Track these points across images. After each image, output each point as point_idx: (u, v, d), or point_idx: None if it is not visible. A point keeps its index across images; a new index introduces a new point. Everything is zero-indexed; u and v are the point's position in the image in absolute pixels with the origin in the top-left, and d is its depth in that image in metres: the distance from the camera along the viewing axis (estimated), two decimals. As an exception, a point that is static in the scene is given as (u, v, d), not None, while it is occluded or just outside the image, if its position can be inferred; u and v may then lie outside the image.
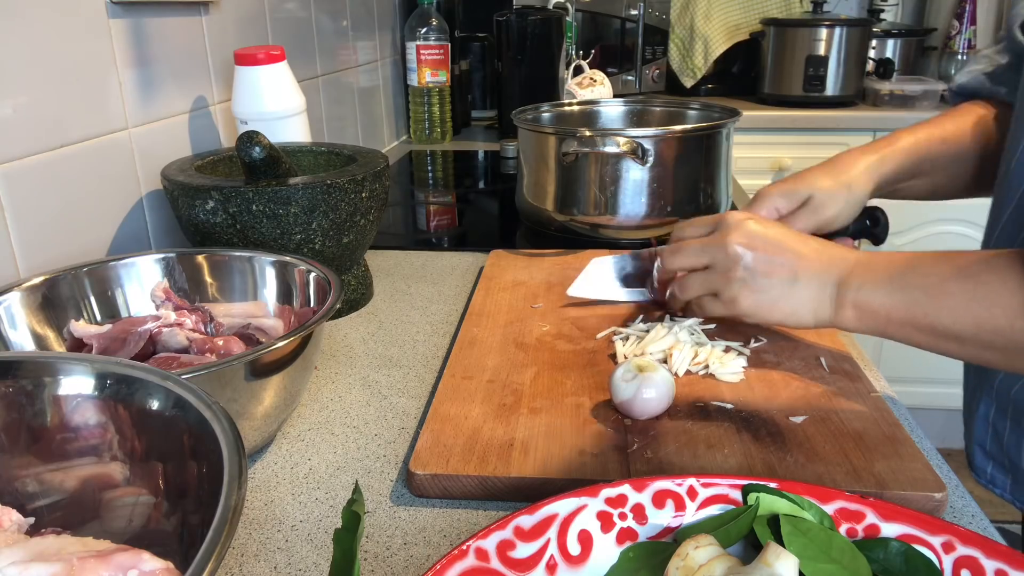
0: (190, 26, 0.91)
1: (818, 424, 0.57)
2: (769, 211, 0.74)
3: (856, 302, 0.56)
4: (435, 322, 0.81)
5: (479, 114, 2.02)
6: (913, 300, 0.53)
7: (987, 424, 0.74)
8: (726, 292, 0.62)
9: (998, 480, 0.74)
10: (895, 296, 0.54)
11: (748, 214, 0.64)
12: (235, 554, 0.48)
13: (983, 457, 0.75)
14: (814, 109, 2.07)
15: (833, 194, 0.72)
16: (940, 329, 0.53)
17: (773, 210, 0.74)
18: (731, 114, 1.02)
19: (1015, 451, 0.71)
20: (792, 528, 0.39)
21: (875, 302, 0.55)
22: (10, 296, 0.57)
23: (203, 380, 0.47)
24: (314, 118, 1.26)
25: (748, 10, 2.28)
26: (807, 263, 0.59)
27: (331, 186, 0.71)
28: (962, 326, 0.51)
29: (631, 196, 0.95)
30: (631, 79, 2.22)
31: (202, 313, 0.63)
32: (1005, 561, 0.37)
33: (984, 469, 0.75)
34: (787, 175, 0.79)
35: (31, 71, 0.66)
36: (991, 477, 0.74)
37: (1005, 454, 0.72)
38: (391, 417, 0.63)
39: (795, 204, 0.73)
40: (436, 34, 1.68)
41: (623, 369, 0.58)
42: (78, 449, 0.41)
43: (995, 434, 0.73)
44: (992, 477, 0.74)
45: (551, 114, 1.15)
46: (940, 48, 2.35)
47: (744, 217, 0.63)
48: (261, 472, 0.56)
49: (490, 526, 0.38)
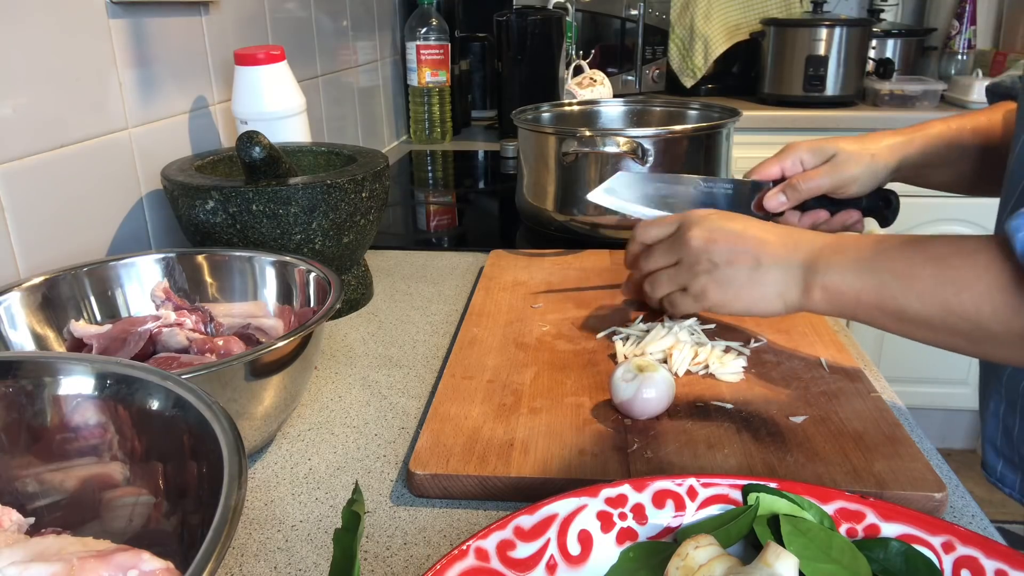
0: (190, 26, 0.91)
1: (818, 424, 0.57)
2: (794, 162, 0.78)
3: (824, 285, 0.56)
4: (435, 322, 0.81)
5: (479, 114, 2.02)
6: (882, 283, 0.53)
7: (998, 420, 0.74)
8: (693, 286, 0.63)
9: (1007, 479, 0.74)
10: (864, 279, 0.54)
11: (711, 210, 0.65)
12: (235, 554, 0.48)
13: (994, 455, 0.75)
14: (814, 109, 2.07)
15: (857, 157, 0.76)
16: (909, 313, 0.52)
17: (798, 162, 0.78)
18: (731, 114, 1.02)
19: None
20: (792, 528, 0.39)
21: (844, 285, 0.55)
22: (10, 296, 0.57)
23: (203, 380, 0.47)
24: (314, 118, 1.26)
25: (748, 10, 2.28)
26: (770, 248, 0.59)
27: (331, 186, 0.71)
28: (930, 310, 0.51)
29: (631, 196, 0.95)
30: (631, 79, 2.22)
31: (202, 313, 0.63)
32: (1005, 561, 0.37)
33: (995, 467, 0.75)
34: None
35: (31, 71, 0.66)
36: (1000, 475, 0.75)
37: (1015, 450, 0.72)
38: (391, 417, 0.63)
39: (819, 160, 0.77)
40: (436, 34, 1.68)
41: (623, 369, 0.58)
42: (78, 449, 0.41)
43: (1005, 430, 0.73)
44: (1002, 475, 0.74)
45: (551, 114, 1.15)
46: (940, 48, 2.35)
47: (706, 213, 0.64)
48: (261, 472, 0.56)
49: (490, 526, 0.38)
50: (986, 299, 0.49)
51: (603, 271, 0.88)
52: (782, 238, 0.60)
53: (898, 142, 0.76)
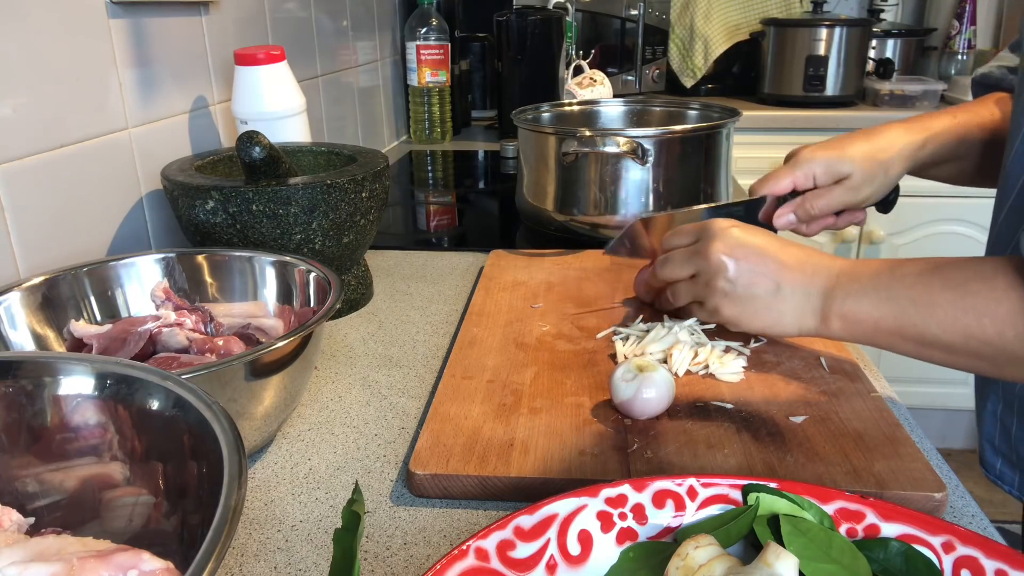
0: (190, 26, 0.91)
1: (818, 424, 0.57)
2: (806, 177, 0.75)
3: (843, 313, 0.56)
4: (435, 322, 0.81)
5: (479, 114, 2.02)
6: (901, 311, 0.53)
7: (996, 420, 0.74)
8: (709, 302, 0.62)
9: (1006, 476, 0.74)
10: (883, 307, 0.54)
11: (732, 222, 0.64)
12: (235, 554, 0.48)
13: (992, 453, 0.75)
14: (814, 109, 2.07)
15: (872, 177, 0.73)
16: (929, 339, 0.52)
17: (811, 178, 0.75)
18: (731, 114, 1.02)
19: (1023, 447, 0.71)
20: (792, 528, 0.39)
21: (862, 313, 0.55)
22: (10, 296, 0.57)
23: (203, 380, 0.47)
24: (314, 118, 1.26)
25: (748, 10, 2.28)
26: (790, 274, 0.59)
27: (331, 186, 0.71)
28: (951, 336, 0.51)
29: (631, 196, 0.95)
30: (631, 79, 2.22)
31: (202, 313, 0.63)
32: (1005, 561, 0.37)
33: (994, 465, 0.75)
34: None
35: (31, 71, 0.66)
36: (1000, 473, 0.75)
37: (1013, 450, 0.72)
38: (391, 417, 0.63)
39: (833, 178, 0.74)
40: (436, 34, 1.68)
41: (623, 369, 0.58)
42: (78, 449, 0.41)
43: (1003, 429, 0.73)
44: (1001, 473, 0.75)
45: (551, 114, 1.15)
46: (940, 48, 2.35)
47: (728, 225, 0.63)
48: (261, 472, 0.56)
49: (490, 526, 0.38)
50: (1008, 324, 0.49)
51: (603, 271, 0.88)
52: (801, 263, 0.59)
53: (911, 147, 0.74)
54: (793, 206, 0.76)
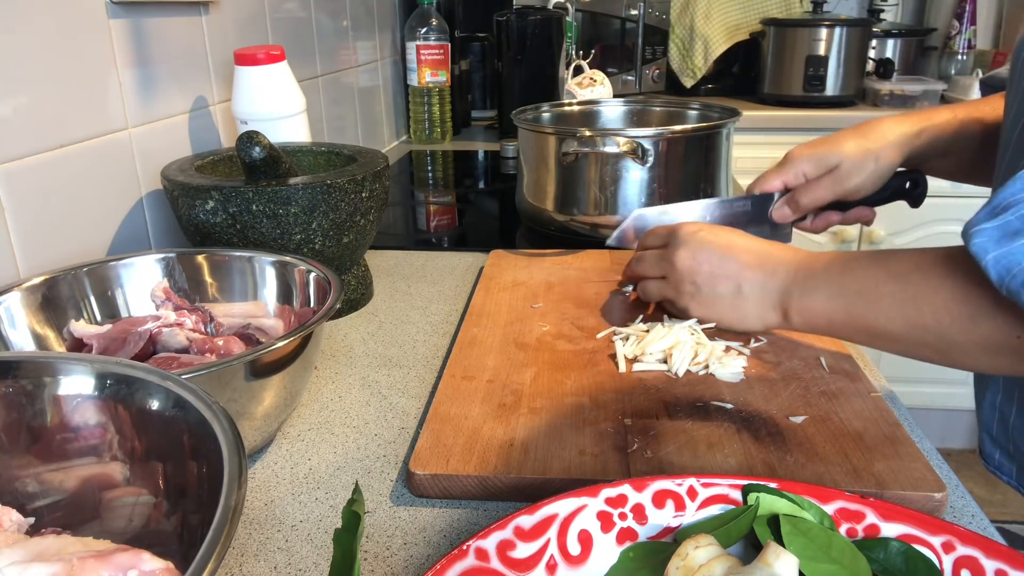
0: (190, 26, 0.91)
1: (818, 424, 0.57)
2: (796, 175, 0.78)
3: (799, 308, 0.60)
4: (435, 322, 0.81)
5: (479, 114, 2.02)
6: (850, 304, 0.56)
7: (995, 410, 0.74)
8: (678, 303, 0.69)
9: (1005, 467, 0.75)
10: (835, 301, 0.57)
11: (700, 225, 0.68)
12: (235, 554, 0.48)
13: (991, 444, 0.76)
14: (814, 109, 2.07)
15: (861, 165, 0.75)
16: (877, 330, 0.55)
17: (800, 175, 0.78)
18: (731, 114, 1.02)
19: (1020, 437, 0.71)
20: (792, 528, 0.39)
21: (817, 307, 0.59)
22: (10, 296, 0.57)
23: (203, 380, 0.47)
24: (314, 118, 1.26)
25: (748, 10, 2.28)
26: (750, 273, 0.63)
27: (331, 186, 0.71)
28: (896, 326, 0.54)
29: (631, 196, 0.95)
30: (631, 79, 2.22)
31: (202, 313, 0.64)
32: (1005, 561, 0.37)
33: (992, 456, 0.76)
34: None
35: (31, 71, 0.66)
36: (998, 464, 0.75)
37: (1011, 440, 0.73)
38: (391, 417, 0.63)
39: (822, 171, 0.77)
40: (436, 34, 1.68)
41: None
42: (78, 449, 0.41)
43: (1002, 419, 0.73)
44: (999, 464, 0.75)
45: (551, 114, 1.15)
46: (940, 48, 2.35)
47: (695, 230, 0.67)
48: (261, 472, 0.56)
49: (490, 526, 0.38)
50: (944, 311, 0.51)
51: (603, 271, 0.88)
52: (761, 262, 0.63)
53: (905, 137, 0.76)
54: (786, 199, 0.80)
